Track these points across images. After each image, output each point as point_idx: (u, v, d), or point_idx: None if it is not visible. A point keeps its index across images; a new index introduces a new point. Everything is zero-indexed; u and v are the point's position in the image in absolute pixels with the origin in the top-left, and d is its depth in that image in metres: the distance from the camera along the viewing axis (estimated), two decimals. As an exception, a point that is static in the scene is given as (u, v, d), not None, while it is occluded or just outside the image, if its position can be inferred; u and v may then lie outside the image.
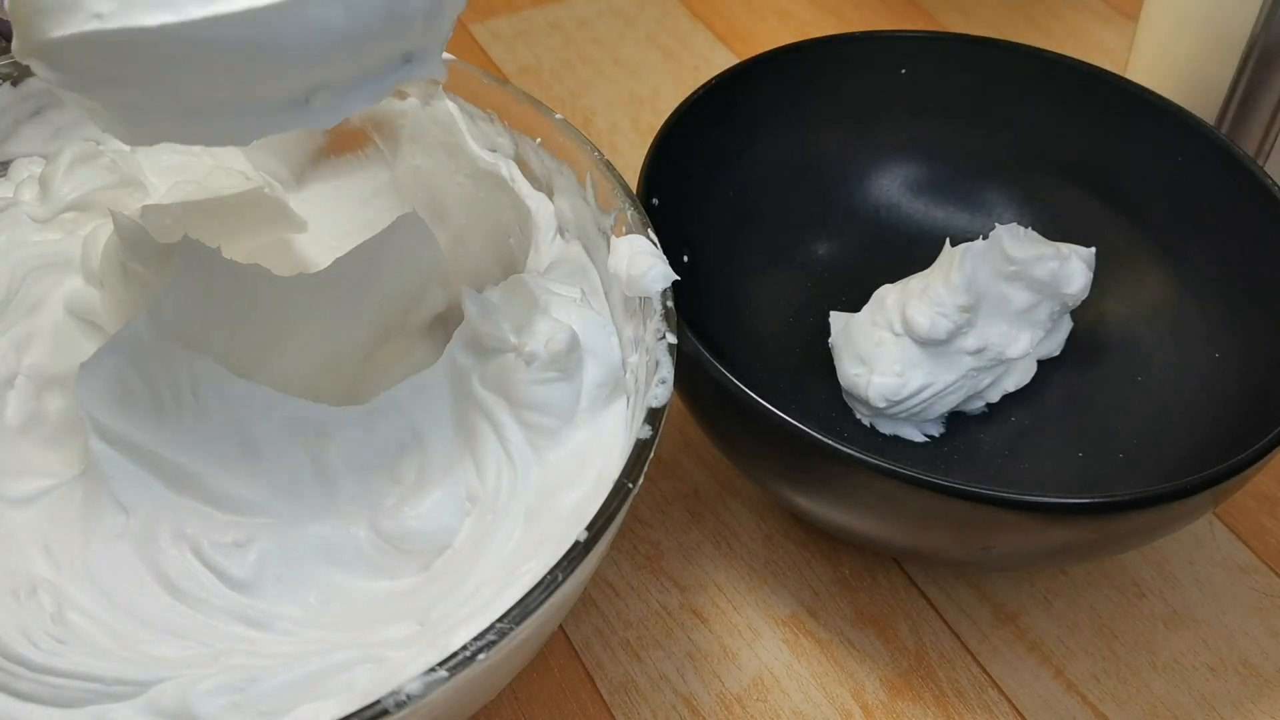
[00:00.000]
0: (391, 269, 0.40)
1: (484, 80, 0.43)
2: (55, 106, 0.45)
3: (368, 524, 0.36)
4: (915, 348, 0.45)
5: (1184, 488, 0.35)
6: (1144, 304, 0.48)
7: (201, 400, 0.35)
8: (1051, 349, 0.48)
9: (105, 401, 0.34)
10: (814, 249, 0.52)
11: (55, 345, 0.40)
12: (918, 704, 0.41)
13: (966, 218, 0.52)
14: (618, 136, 0.63)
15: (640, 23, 0.71)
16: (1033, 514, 0.35)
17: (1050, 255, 0.44)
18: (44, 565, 0.34)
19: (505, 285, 0.40)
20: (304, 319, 0.39)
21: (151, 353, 0.35)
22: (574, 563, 0.29)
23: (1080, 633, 0.44)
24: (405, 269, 0.40)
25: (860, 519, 0.39)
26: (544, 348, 0.35)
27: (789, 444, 0.37)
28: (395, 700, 0.26)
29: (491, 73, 0.44)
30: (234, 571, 0.34)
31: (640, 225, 0.38)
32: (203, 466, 0.35)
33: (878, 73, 0.51)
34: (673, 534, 0.46)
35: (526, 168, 0.43)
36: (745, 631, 0.43)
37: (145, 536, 0.34)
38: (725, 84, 0.48)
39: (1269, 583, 0.45)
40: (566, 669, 0.41)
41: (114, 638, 0.32)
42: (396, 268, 0.40)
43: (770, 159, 0.51)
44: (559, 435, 0.36)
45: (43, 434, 0.38)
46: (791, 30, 0.71)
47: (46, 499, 0.35)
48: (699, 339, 0.38)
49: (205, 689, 0.30)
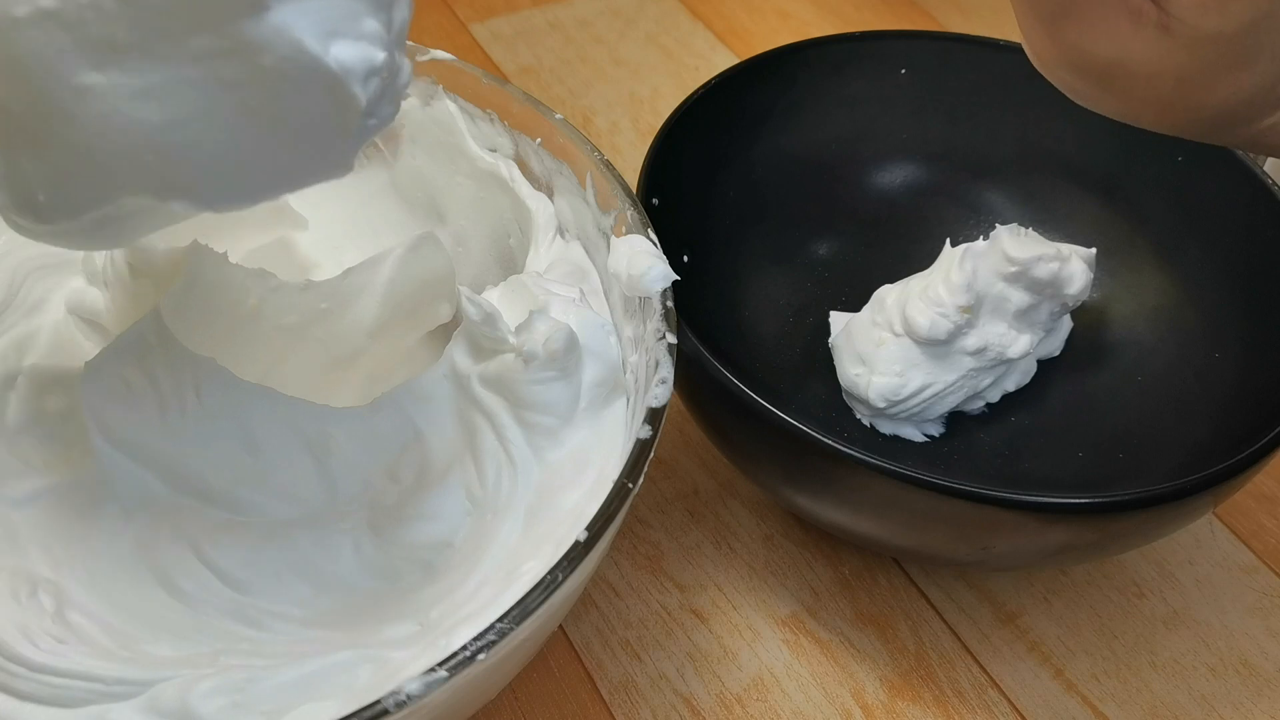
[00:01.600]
0: (402, 285, 0.40)
1: (484, 80, 0.43)
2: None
3: (368, 524, 0.36)
4: (915, 348, 0.45)
5: (1184, 488, 0.35)
6: (1144, 304, 0.48)
7: (204, 400, 0.35)
8: (1051, 349, 0.48)
9: (109, 401, 0.34)
10: (814, 249, 0.52)
11: (56, 345, 0.40)
12: (918, 704, 0.41)
13: (966, 218, 0.52)
14: (618, 136, 0.63)
15: (640, 23, 0.71)
16: (1033, 514, 0.35)
17: (1051, 256, 0.44)
18: (44, 565, 0.34)
19: (504, 286, 0.40)
20: (309, 326, 0.39)
21: (156, 353, 0.35)
22: (574, 563, 0.29)
23: (1080, 633, 0.44)
24: (417, 286, 0.41)
25: (860, 519, 0.39)
26: (542, 347, 0.35)
27: (789, 444, 0.37)
28: (395, 700, 0.26)
29: (491, 73, 0.44)
30: (234, 571, 0.34)
31: (640, 225, 0.38)
32: (204, 466, 0.35)
33: (878, 73, 0.51)
34: (673, 534, 0.46)
35: (526, 168, 0.43)
36: (745, 631, 0.43)
37: (146, 536, 0.34)
38: (725, 84, 0.48)
39: (1269, 583, 0.45)
40: (566, 669, 0.41)
41: (114, 638, 0.32)
42: (408, 284, 0.41)
43: (770, 159, 0.50)
44: (559, 435, 0.36)
45: (43, 434, 0.38)
46: (791, 30, 0.71)
47: (47, 499, 0.35)
48: (699, 339, 0.38)
49: (205, 689, 0.30)
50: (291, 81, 0.25)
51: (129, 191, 0.27)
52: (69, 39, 0.24)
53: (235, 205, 0.27)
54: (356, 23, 0.25)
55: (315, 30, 0.24)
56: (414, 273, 0.40)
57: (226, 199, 0.27)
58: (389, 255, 0.40)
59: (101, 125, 0.25)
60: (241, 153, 0.26)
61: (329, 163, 0.27)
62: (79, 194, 0.27)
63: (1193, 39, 0.27)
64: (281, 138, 0.26)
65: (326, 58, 0.24)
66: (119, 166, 0.26)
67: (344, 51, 0.25)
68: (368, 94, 0.26)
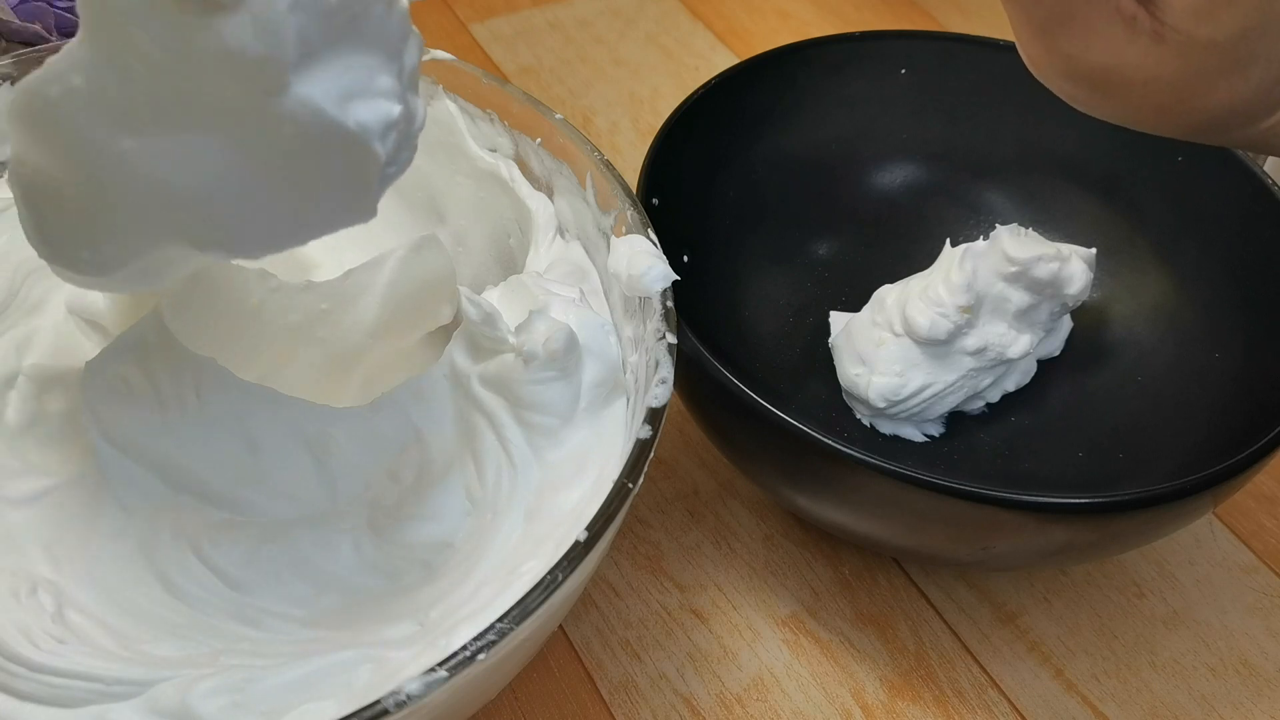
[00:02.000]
0: (404, 286, 0.41)
1: (484, 80, 0.43)
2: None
3: (368, 523, 0.36)
4: (916, 348, 0.45)
5: (1184, 488, 0.35)
6: (1144, 304, 0.48)
7: (204, 400, 0.35)
8: (1051, 349, 0.48)
9: (109, 401, 0.34)
10: (814, 249, 0.52)
11: (56, 346, 0.40)
12: (918, 704, 0.41)
13: (966, 218, 0.52)
14: (618, 136, 0.63)
15: (640, 23, 0.71)
16: (1033, 514, 0.35)
17: (1051, 256, 0.44)
18: (44, 565, 0.34)
19: (504, 286, 0.40)
20: (309, 326, 0.39)
21: (157, 353, 0.35)
22: (574, 563, 0.29)
23: (1080, 633, 0.44)
24: (418, 288, 0.41)
25: (860, 519, 0.39)
26: (542, 347, 0.35)
27: (789, 444, 0.37)
28: (395, 700, 0.26)
29: (491, 73, 0.44)
30: (234, 571, 0.34)
31: (640, 225, 0.38)
32: (204, 466, 0.35)
33: (878, 73, 0.51)
34: (673, 534, 0.46)
35: (526, 168, 0.43)
36: (745, 631, 0.43)
37: (146, 536, 0.34)
38: (725, 84, 0.48)
39: (1269, 583, 0.45)
40: (566, 669, 0.41)
41: (114, 638, 0.32)
42: (409, 285, 0.41)
43: (770, 159, 0.51)
44: (558, 435, 0.36)
45: (43, 434, 0.38)
46: (791, 30, 0.71)
47: (47, 499, 0.35)
48: (699, 339, 0.38)
49: (205, 689, 0.30)
50: (314, 145, 0.26)
51: (165, 245, 0.28)
52: (101, 112, 0.25)
53: (267, 252, 0.29)
54: (372, 81, 0.26)
55: (334, 96, 0.25)
56: (415, 274, 0.41)
57: (258, 248, 0.29)
58: (390, 257, 0.40)
59: (136, 188, 0.26)
60: (270, 207, 0.27)
61: (354, 211, 0.28)
62: (119, 250, 0.28)
63: (1186, 47, 0.27)
64: (308, 193, 0.27)
65: (347, 121, 0.26)
66: (155, 224, 0.27)
67: (362, 112, 0.26)
68: (387, 147, 0.27)
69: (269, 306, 0.39)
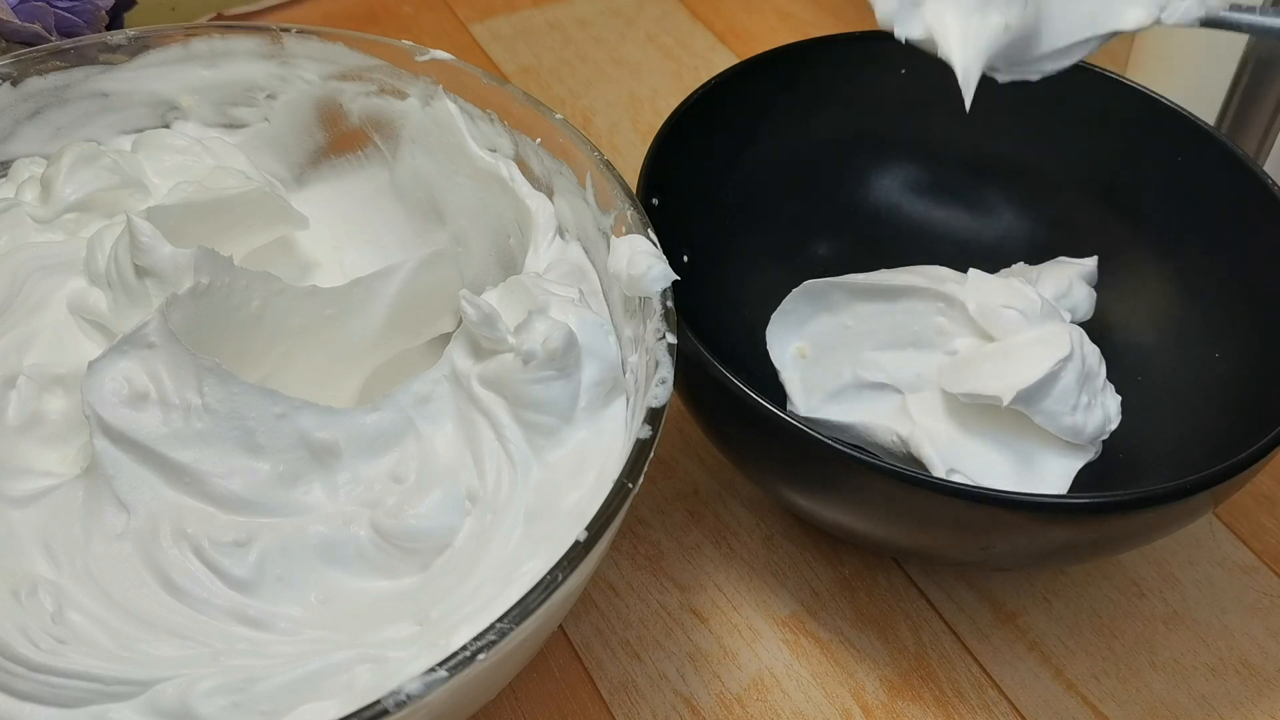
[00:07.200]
0: (411, 297, 0.41)
1: (484, 80, 0.43)
2: (55, 106, 0.45)
3: (368, 523, 0.36)
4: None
5: (1184, 488, 0.35)
6: (1144, 304, 0.48)
7: (206, 400, 0.35)
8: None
9: (111, 401, 0.34)
10: (814, 249, 0.52)
11: (57, 345, 0.40)
12: (918, 704, 0.41)
13: (966, 218, 0.52)
14: (618, 136, 0.63)
15: (640, 23, 0.71)
16: (1033, 514, 0.35)
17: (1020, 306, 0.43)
18: (44, 565, 0.34)
19: (504, 286, 0.40)
20: (312, 331, 0.40)
21: (158, 354, 0.35)
22: (574, 563, 0.29)
23: (1080, 633, 0.44)
24: (425, 299, 0.41)
25: (860, 519, 0.39)
26: (541, 347, 0.35)
27: (789, 444, 0.37)
28: (395, 700, 0.26)
29: (491, 73, 0.44)
30: (234, 571, 0.34)
31: (640, 225, 0.39)
32: (205, 466, 0.35)
33: (878, 73, 0.51)
34: (673, 534, 0.46)
35: (526, 168, 0.43)
36: (745, 631, 0.43)
37: (146, 536, 0.34)
38: (725, 84, 0.48)
39: (1269, 583, 0.45)
40: (566, 669, 0.41)
41: (114, 638, 0.32)
42: (416, 297, 0.41)
43: (770, 159, 0.50)
44: (558, 435, 0.36)
45: (44, 434, 0.38)
46: (791, 30, 0.71)
47: (47, 499, 0.35)
48: (699, 339, 0.38)
49: (205, 689, 0.30)
50: None
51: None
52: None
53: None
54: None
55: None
56: (424, 287, 0.41)
57: None
58: (401, 268, 0.40)
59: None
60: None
61: None
62: None
63: None
64: None
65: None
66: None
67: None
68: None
69: (272, 309, 0.39)
